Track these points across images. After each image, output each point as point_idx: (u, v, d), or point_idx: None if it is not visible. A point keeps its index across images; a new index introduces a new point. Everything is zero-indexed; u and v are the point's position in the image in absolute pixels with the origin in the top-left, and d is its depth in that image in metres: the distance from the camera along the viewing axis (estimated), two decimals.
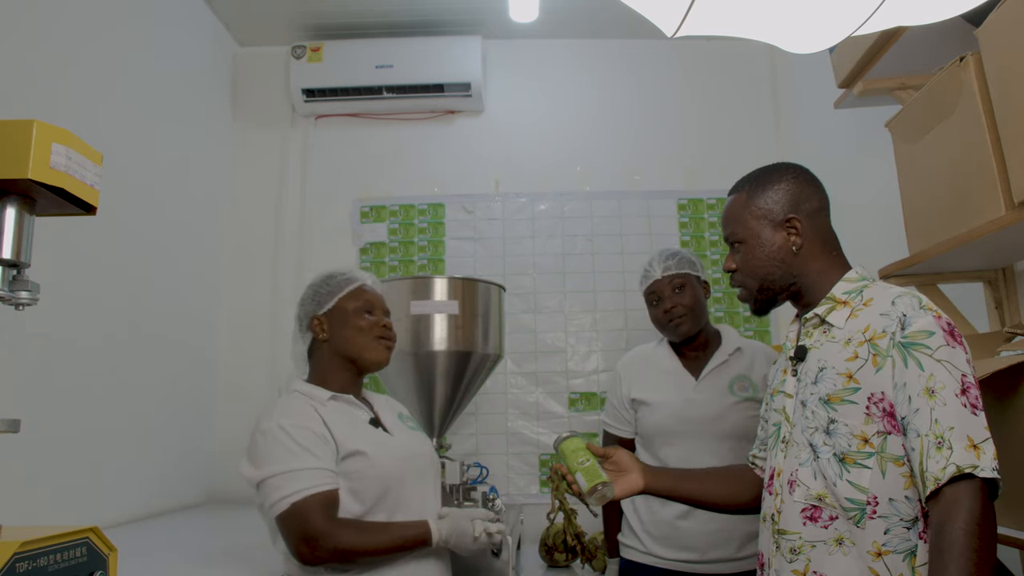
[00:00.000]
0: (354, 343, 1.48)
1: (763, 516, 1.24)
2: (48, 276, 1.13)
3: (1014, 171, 1.22)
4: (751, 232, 1.24)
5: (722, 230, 1.32)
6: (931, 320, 1.06)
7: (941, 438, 0.98)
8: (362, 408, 1.48)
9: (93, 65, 2.08)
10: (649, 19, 1.02)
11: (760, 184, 1.26)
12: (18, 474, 1.68)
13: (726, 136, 3.07)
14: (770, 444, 1.27)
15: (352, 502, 1.34)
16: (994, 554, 0.98)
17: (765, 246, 1.23)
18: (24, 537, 0.79)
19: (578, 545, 2.35)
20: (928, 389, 1.01)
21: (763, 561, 1.23)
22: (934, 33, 1.48)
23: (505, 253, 3.02)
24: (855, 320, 1.14)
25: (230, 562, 1.68)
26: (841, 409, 1.10)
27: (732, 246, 1.29)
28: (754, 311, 1.29)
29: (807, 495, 1.12)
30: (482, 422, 2.89)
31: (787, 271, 1.22)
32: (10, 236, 0.88)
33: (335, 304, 1.50)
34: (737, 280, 1.29)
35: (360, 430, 1.42)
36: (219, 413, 2.81)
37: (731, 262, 1.29)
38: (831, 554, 1.09)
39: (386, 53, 2.95)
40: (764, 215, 1.23)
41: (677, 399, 1.87)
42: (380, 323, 1.51)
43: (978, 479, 0.96)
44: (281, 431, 1.32)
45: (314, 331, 1.50)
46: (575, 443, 1.32)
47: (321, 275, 1.56)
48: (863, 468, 1.07)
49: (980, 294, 1.71)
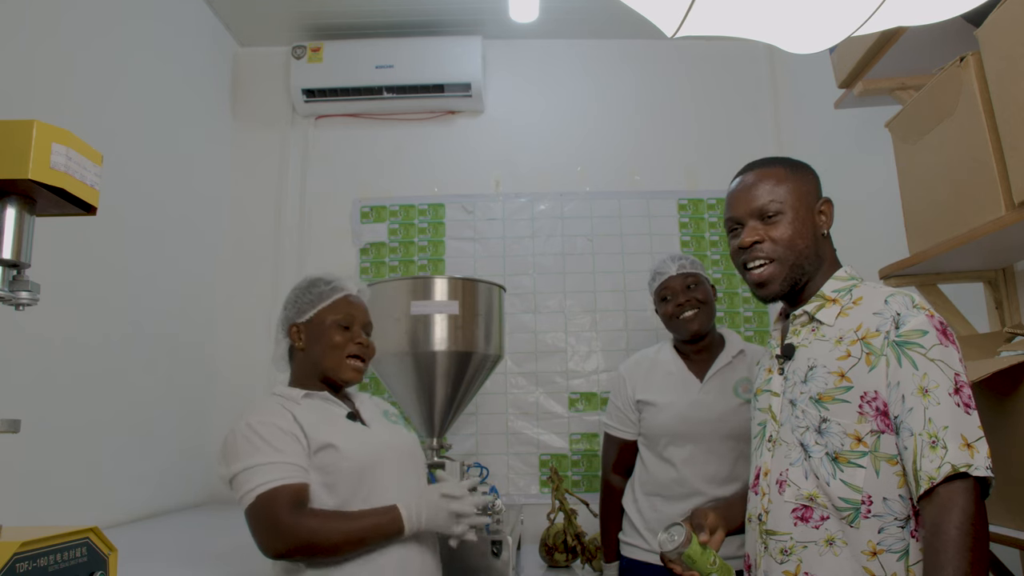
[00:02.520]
0: (325, 360, 1.46)
1: (749, 516, 1.23)
2: (48, 276, 1.13)
3: (1014, 171, 1.22)
4: (792, 205, 1.19)
5: (753, 201, 1.20)
6: (924, 319, 1.06)
7: (935, 437, 0.98)
8: (338, 404, 1.47)
9: (93, 65, 2.08)
10: (649, 19, 1.02)
11: (795, 166, 1.24)
12: (18, 474, 1.68)
13: (726, 136, 3.07)
14: (755, 443, 1.26)
15: (327, 495, 1.33)
16: (988, 552, 0.98)
17: (803, 222, 1.19)
18: (24, 537, 0.79)
19: (578, 545, 2.35)
20: (922, 388, 1.01)
21: (750, 562, 1.22)
22: (934, 33, 1.48)
23: (505, 253, 3.02)
24: (845, 319, 1.14)
25: (230, 562, 1.68)
26: (833, 408, 1.09)
27: (763, 218, 1.19)
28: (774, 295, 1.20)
29: (798, 495, 1.11)
30: (482, 422, 2.89)
31: (816, 252, 1.20)
32: (10, 236, 0.88)
33: (314, 315, 1.48)
34: (766, 252, 1.18)
35: (334, 423, 1.41)
36: (219, 413, 2.81)
37: (755, 233, 1.19)
38: (822, 555, 1.08)
39: (386, 53, 2.95)
40: (805, 193, 1.21)
41: (683, 400, 1.88)
42: (355, 340, 1.48)
43: (972, 478, 0.96)
44: (248, 428, 1.32)
45: (291, 338, 1.50)
46: (696, 545, 1.17)
47: (306, 280, 1.54)
48: (857, 467, 1.07)
49: (980, 294, 1.71)
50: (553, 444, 2.86)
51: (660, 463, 1.89)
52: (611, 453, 2.03)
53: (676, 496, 1.84)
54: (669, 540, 1.17)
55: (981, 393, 1.24)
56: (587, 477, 2.81)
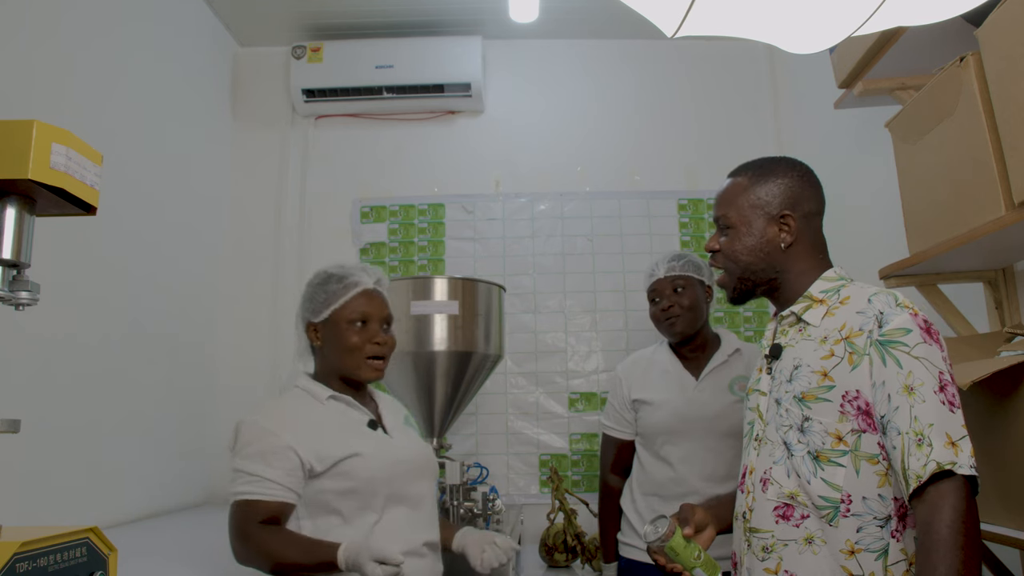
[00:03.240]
0: (344, 362, 1.45)
1: (736, 514, 1.24)
2: (48, 276, 1.13)
3: (1014, 171, 1.22)
4: (743, 219, 1.23)
5: (714, 210, 1.29)
6: (908, 318, 1.06)
7: (921, 435, 0.98)
8: (360, 410, 1.47)
9: (93, 65, 2.08)
10: (649, 19, 1.02)
11: (763, 174, 1.24)
12: (18, 474, 1.68)
13: (726, 136, 3.07)
14: (744, 442, 1.26)
15: (340, 502, 1.35)
16: (980, 550, 0.98)
17: (754, 236, 1.22)
18: (24, 537, 0.79)
19: (578, 545, 2.35)
20: (907, 387, 1.01)
21: (735, 560, 1.23)
22: (934, 33, 1.48)
23: (505, 253, 3.02)
24: (831, 318, 1.14)
25: (230, 562, 1.68)
26: (815, 407, 1.10)
27: (721, 228, 1.27)
28: (731, 299, 1.28)
29: (779, 493, 1.12)
30: (482, 422, 2.89)
31: (770, 265, 1.22)
32: (10, 236, 0.88)
33: (329, 315, 1.46)
34: (719, 262, 1.27)
35: (355, 432, 1.42)
36: (219, 413, 2.81)
37: (715, 242, 1.27)
38: (801, 553, 1.09)
39: (386, 53, 2.95)
40: (761, 205, 1.22)
41: (679, 398, 1.89)
42: (372, 339, 1.45)
43: (960, 477, 0.96)
44: (254, 429, 1.35)
45: (310, 338, 1.50)
46: (679, 537, 1.18)
47: (320, 276, 1.52)
48: (837, 466, 1.07)
49: (980, 294, 1.71)
50: (553, 444, 2.86)
51: (657, 462, 1.90)
52: (609, 453, 2.04)
53: (673, 495, 1.84)
54: (653, 531, 1.19)
55: (981, 393, 1.23)
56: (587, 477, 2.81)
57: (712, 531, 1.26)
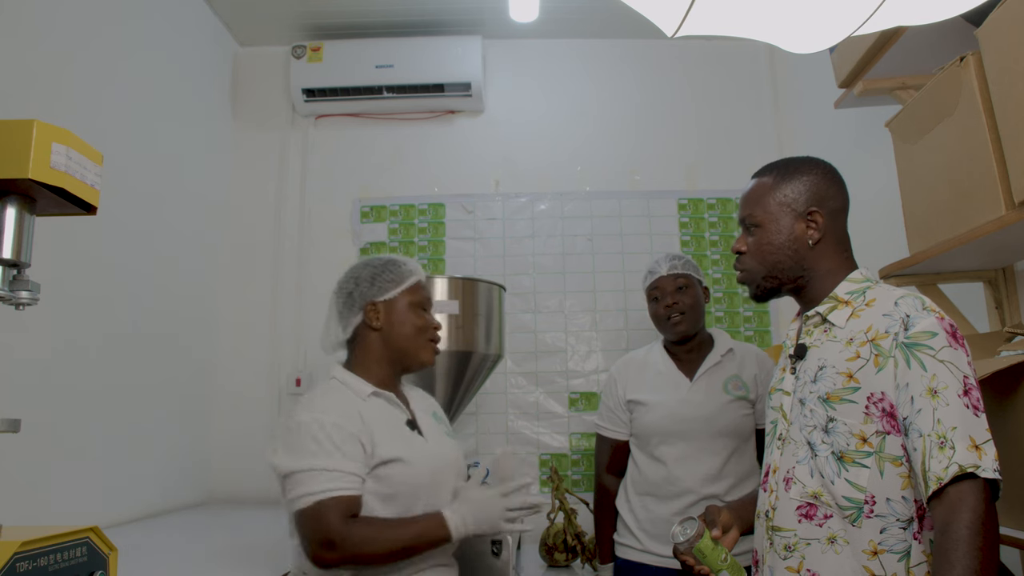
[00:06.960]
0: (410, 341, 1.45)
1: (758, 513, 1.24)
2: (48, 276, 1.13)
3: (1014, 171, 1.22)
4: (771, 217, 1.23)
5: (740, 211, 1.28)
6: (934, 321, 1.06)
7: (944, 438, 0.98)
8: (400, 407, 1.45)
9: (93, 65, 2.08)
10: (649, 19, 1.02)
11: (788, 172, 1.25)
12: (18, 474, 1.68)
13: (726, 136, 3.07)
14: (767, 441, 1.27)
15: (381, 506, 1.32)
16: (997, 554, 0.98)
17: (782, 233, 1.22)
18: (24, 537, 0.79)
19: (578, 545, 2.35)
20: (931, 389, 1.01)
21: (757, 558, 1.23)
22: (934, 33, 1.48)
23: (505, 253, 3.02)
24: (857, 320, 1.14)
25: (230, 562, 1.68)
26: (840, 408, 1.10)
27: (747, 228, 1.26)
28: (753, 296, 1.28)
29: (803, 492, 1.12)
30: (482, 422, 2.89)
31: (798, 263, 1.22)
32: (10, 236, 0.88)
33: (397, 294, 1.46)
34: (744, 263, 1.26)
35: (398, 433, 1.39)
36: (219, 413, 2.81)
37: (742, 243, 1.27)
38: (824, 552, 1.09)
39: (386, 53, 2.95)
40: (788, 203, 1.22)
41: (673, 399, 1.89)
42: (433, 324, 1.50)
43: (981, 479, 0.96)
44: (317, 425, 1.28)
45: (368, 317, 1.45)
46: (708, 539, 1.18)
47: (381, 259, 1.51)
48: (861, 467, 1.07)
49: (980, 294, 1.71)
50: (553, 444, 2.86)
51: (651, 462, 1.90)
52: (604, 454, 2.03)
53: (668, 495, 1.84)
54: (681, 533, 1.18)
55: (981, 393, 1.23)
56: (587, 477, 2.81)
57: (736, 532, 1.27)
